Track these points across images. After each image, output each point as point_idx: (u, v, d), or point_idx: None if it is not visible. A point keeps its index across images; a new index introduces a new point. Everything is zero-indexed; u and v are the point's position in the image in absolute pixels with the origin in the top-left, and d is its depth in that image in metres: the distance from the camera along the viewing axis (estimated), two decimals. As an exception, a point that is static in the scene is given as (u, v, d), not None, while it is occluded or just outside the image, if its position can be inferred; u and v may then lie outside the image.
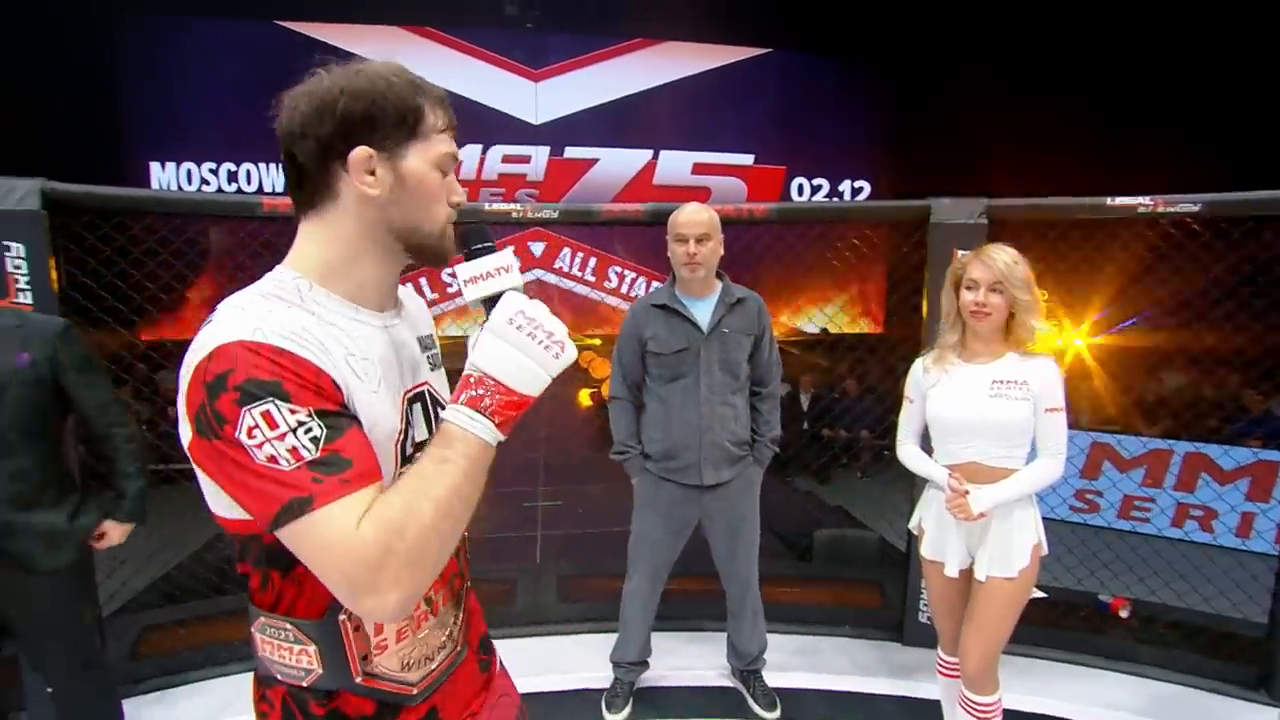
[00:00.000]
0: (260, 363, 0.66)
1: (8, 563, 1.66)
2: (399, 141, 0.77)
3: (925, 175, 6.72)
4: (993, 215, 2.41)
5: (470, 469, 0.72)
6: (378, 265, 0.81)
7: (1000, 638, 1.75)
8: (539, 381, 0.75)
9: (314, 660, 0.80)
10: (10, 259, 2.06)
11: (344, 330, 0.76)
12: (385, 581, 0.66)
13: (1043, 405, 1.73)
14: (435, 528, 0.69)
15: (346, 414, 0.71)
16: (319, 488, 0.65)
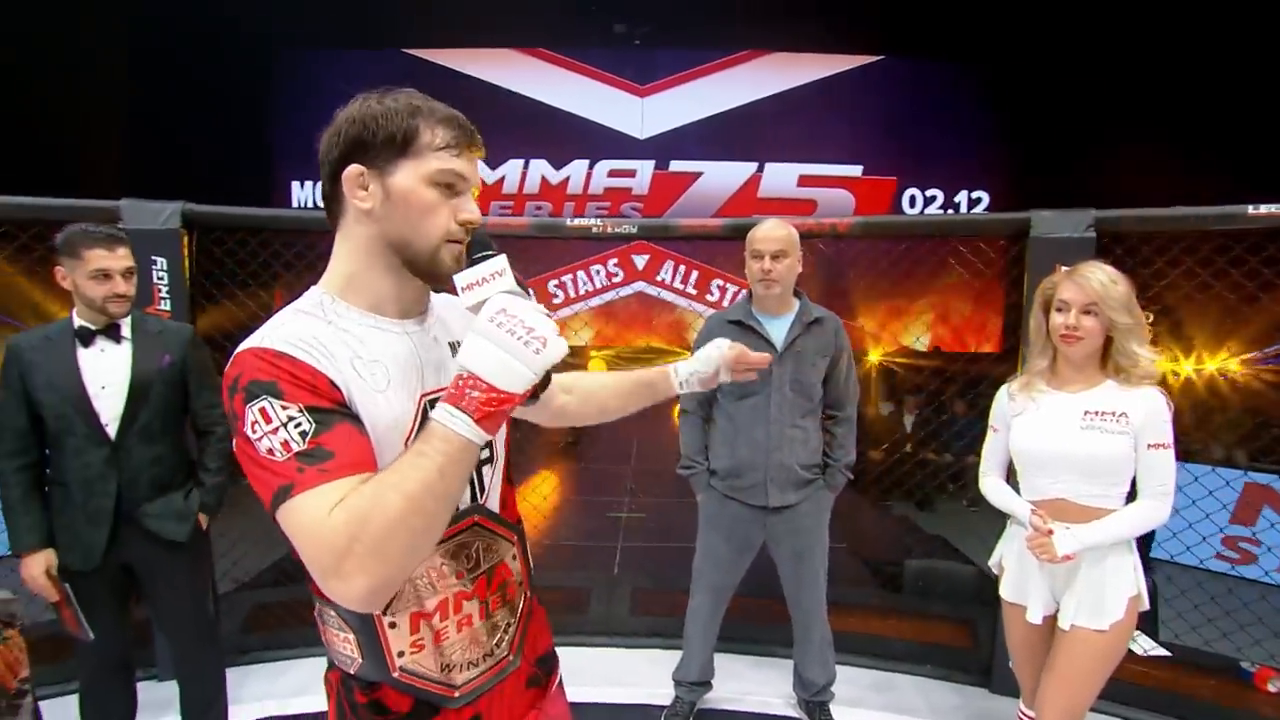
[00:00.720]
0: (262, 366, 0.73)
1: (147, 535, 1.89)
2: (388, 159, 0.81)
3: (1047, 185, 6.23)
4: (1102, 228, 2.20)
5: (446, 465, 0.72)
6: (387, 278, 0.84)
7: (1085, 697, 1.58)
8: (520, 378, 0.74)
9: (355, 649, 0.86)
10: (155, 271, 2.35)
11: (357, 337, 0.81)
12: (350, 568, 0.68)
13: (1145, 440, 1.56)
14: (402, 520, 0.69)
15: (340, 411, 0.75)
16: (300, 476, 0.70)
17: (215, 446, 2.04)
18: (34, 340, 1.84)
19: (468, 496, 0.89)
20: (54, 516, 1.84)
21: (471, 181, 0.85)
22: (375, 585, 0.70)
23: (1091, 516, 1.58)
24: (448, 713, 0.88)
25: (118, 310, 1.85)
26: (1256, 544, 4.44)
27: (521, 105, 9.10)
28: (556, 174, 9.38)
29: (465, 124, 0.85)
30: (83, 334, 1.85)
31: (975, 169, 8.39)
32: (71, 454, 1.84)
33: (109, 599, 1.92)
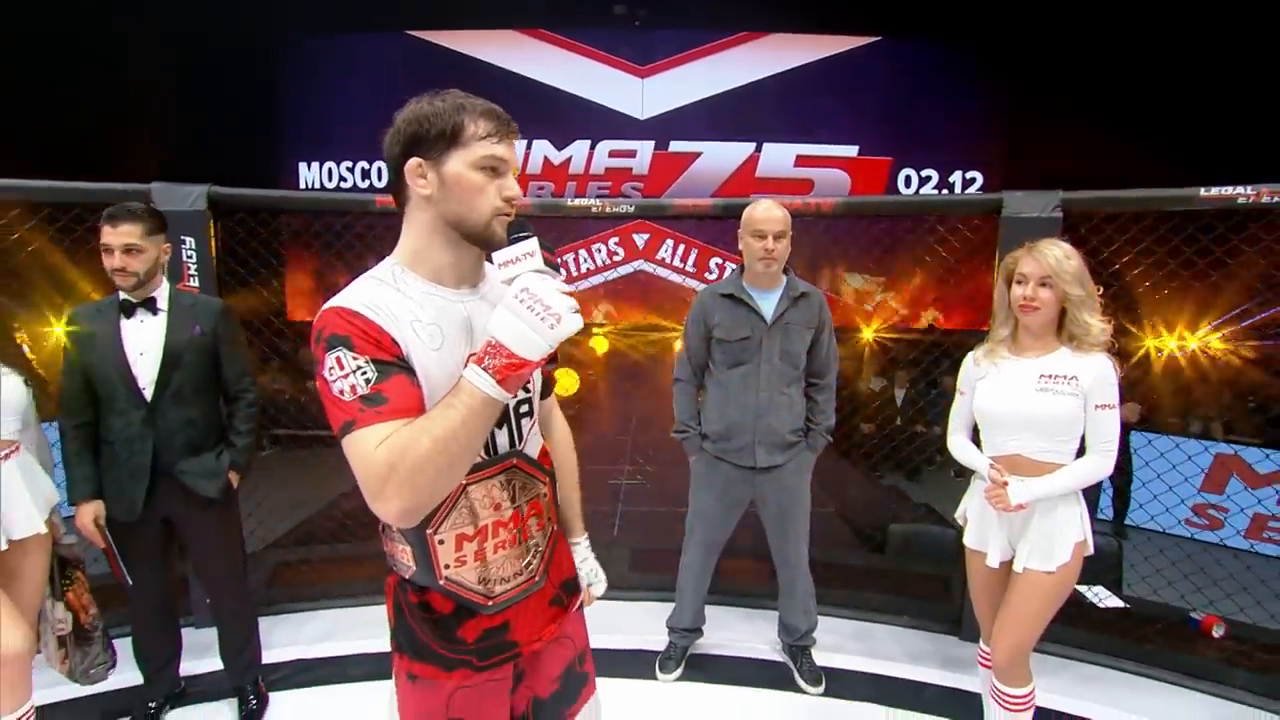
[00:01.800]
0: (339, 322, 0.91)
1: (183, 491, 2.08)
2: (441, 151, 0.96)
3: (1042, 166, 6.33)
4: (1068, 208, 2.35)
5: (469, 416, 0.86)
6: (446, 251, 1.00)
7: (1033, 631, 1.76)
8: (535, 347, 0.87)
9: (411, 560, 1.04)
10: (185, 250, 2.51)
11: (417, 302, 0.97)
12: (388, 492, 0.85)
13: (1094, 401, 1.73)
14: (430, 458, 0.84)
15: (398, 364, 0.91)
16: (360, 415, 0.87)
17: (244, 411, 2.21)
18: (88, 311, 2.03)
19: (507, 442, 1.05)
20: (103, 472, 2.03)
21: (511, 164, 1.00)
22: (407, 507, 0.86)
23: (1044, 470, 1.75)
24: (481, 617, 1.06)
25: (122, 284, 1.99)
26: (1224, 510, 4.64)
27: (524, 86, 9.15)
28: (558, 154, 9.46)
29: (503, 115, 1.00)
30: (125, 306, 2.02)
31: (970, 150, 8.47)
32: (116, 415, 2.02)
33: (150, 548, 2.12)
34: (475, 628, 1.06)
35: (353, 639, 2.65)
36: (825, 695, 2.38)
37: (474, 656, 1.07)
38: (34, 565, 1.89)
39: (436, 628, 1.06)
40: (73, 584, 2.01)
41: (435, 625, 1.06)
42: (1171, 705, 2.33)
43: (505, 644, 1.09)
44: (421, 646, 1.07)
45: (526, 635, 1.12)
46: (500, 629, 1.08)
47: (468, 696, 1.08)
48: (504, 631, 1.08)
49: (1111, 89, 6.76)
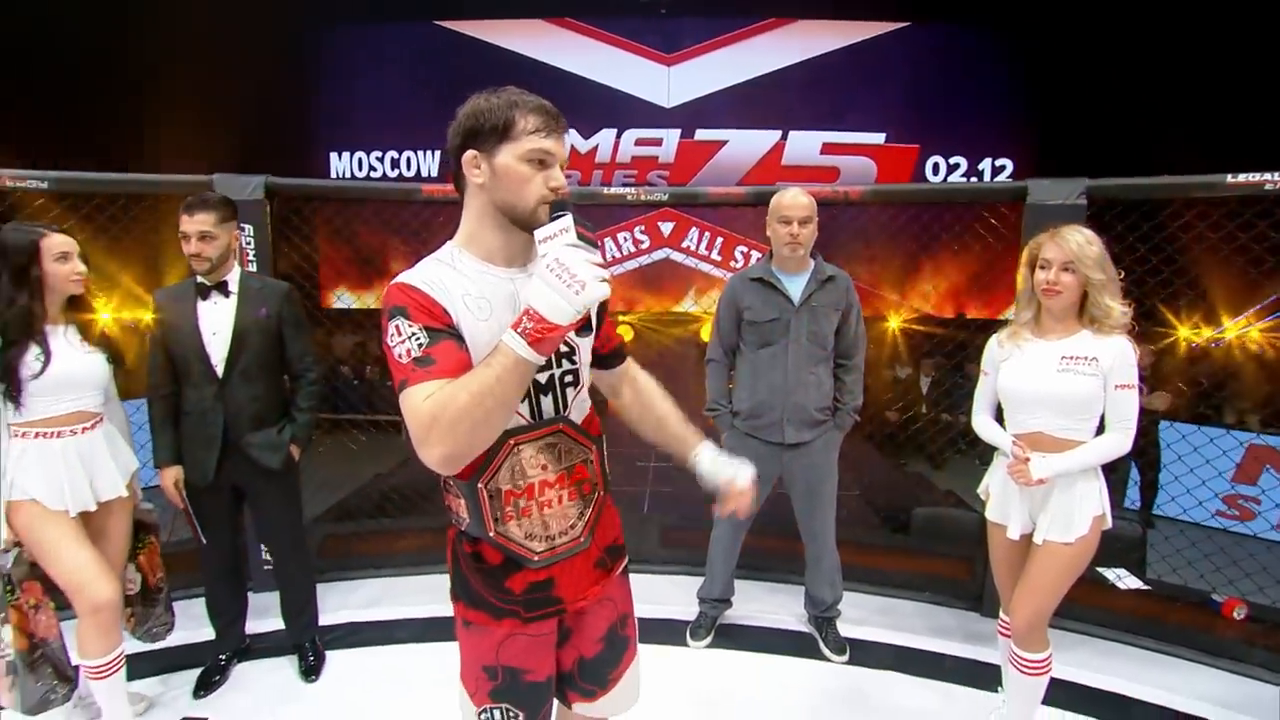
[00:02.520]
0: (400, 295, 1.03)
1: (249, 461, 2.23)
2: (494, 144, 1.05)
3: (1073, 153, 6.28)
4: (1093, 195, 2.40)
5: (502, 374, 0.94)
6: (497, 234, 1.10)
7: (1050, 600, 1.85)
8: (563, 312, 0.93)
9: (465, 512, 1.14)
10: (244, 237, 2.66)
11: (470, 279, 1.08)
12: (432, 439, 0.95)
13: (1113, 381, 1.79)
14: (467, 411, 0.93)
15: (448, 331, 1.01)
16: (412, 374, 0.98)
17: (306, 388, 2.36)
18: (169, 293, 2.21)
19: (552, 409, 1.13)
20: (183, 440, 2.20)
21: (559, 156, 1.07)
22: (447, 454, 0.96)
23: (1064, 447, 1.83)
24: (528, 571, 1.15)
25: (197, 267, 2.16)
26: (1257, 502, 4.63)
27: (551, 76, 9.22)
28: (585, 143, 9.53)
29: (552, 111, 1.07)
30: (201, 288, 2.18)
31: (999, 137, 8.38)
32: (192, 388, 2.19)
33: (221, 512, 2.29)
34: (522, 580, 1.15)
35: (399, 605, 2.81)
36: (849, 664, 2.48)
37: (521, 608, 1.16)
38: (118, 525, 2.07)
39: (488, 578, 1.16)
40: (145, 547, 2.18)
41: (486, 575, 1.16)
42: (1188, 680, 2.39)
43: (550, 599, 1.17)
44: (474, 594, 1.17)
45: (571, 593, 1.19)
46: (545, 584, 1.16)
47: (515, 645, 1.18)
48: (549, 587, 1.17)
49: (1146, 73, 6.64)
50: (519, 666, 1.19)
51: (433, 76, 9.00)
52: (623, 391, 1.37)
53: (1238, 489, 4.74)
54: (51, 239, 1.89)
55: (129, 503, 2.09)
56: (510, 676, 1.18)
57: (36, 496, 1.87)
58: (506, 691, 1.19)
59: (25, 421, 1.88)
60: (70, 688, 1.96)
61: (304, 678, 2.37)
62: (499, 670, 1.18)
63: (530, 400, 1.11)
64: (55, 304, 1.93)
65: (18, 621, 1.87)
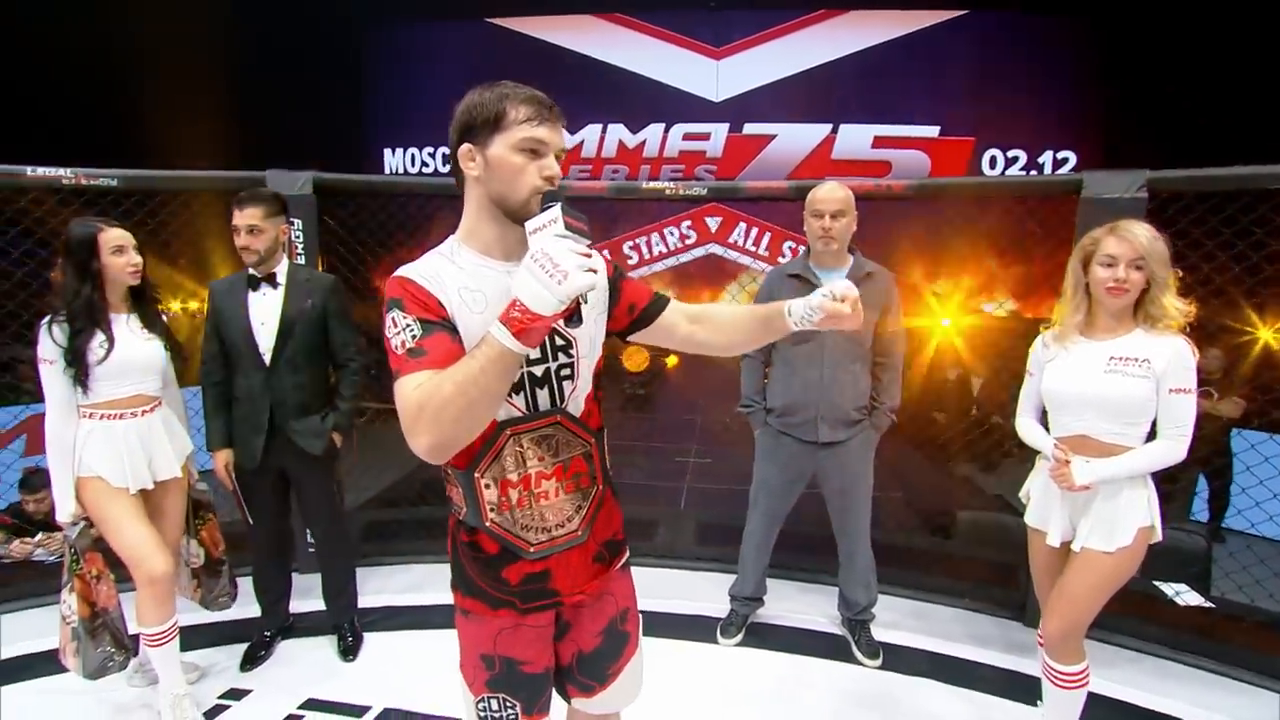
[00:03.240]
0: (396, 288, 1.06)
1: (293, 446, 2.33)
2: (487, 136, 1.05)
3: (1141, 144, 5.97)
4: (1155, 188, 2.27)
5: (486, 364, 0.94)
6: (493, 227, 1.10)
7: (1086, 611, 1.77)
8: (546, 303, 0.92)
9: (462, 500, 1.16)
10: (294, 230, 2.77)
11: (468, 272, 1.09)
12: (419, 428, 0.95)
13: (1167, 385, 1.70)
14: (451, 400, 0.94)
15: (441, 323, 1.03)
16: (405, 365, 1.00)
17: (349, 378, 2.44)
18: (224, 284, 2.31)
19: (548, 401, 1.13)
20: (234, 425, 2.30)
21: (553, 145, 1.06)
22: (433, 443, 0.96)
23: (1109, 452, 1.75)
24: (524, 562, 1.15)
25: (247, 259, 2.26)
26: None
27: (599, 70, 9.27)
28: (633, 138, 9.55)
29: (544, 100, 1.07)
30: (251, 280, 2.28)
31: (1061, 128, 8.01)
32: (242, 376, 2.29)
33: (268, 494, 2.39)
34: (518, 571, 1.15)
35: (435, 591, 2.89)
36: (882, 669, 2.43)
37: (517, 599, 1.16)
38: (174, 504, 2.19)
39: (484, 567, 1.17)
40: (205, 524, 2.30)
41: (483, 565, 1.17)
42: (1249, 705, 2.26)
43: (546, 591, 1.18)
44: (471, 584, 1.19)
45: (568, 586, 1.19)
46: (542, 576, 1.16)
47: (512, 636, 1.19)
48: (545, 579, 1.17)
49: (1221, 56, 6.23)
50: (516, 657, 1.20)
51: (484, 73, 8.97)
52: (691, 331, 1.29)
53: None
54: (109, 233, 2.00)
55: (184, 483, 2.21)
56: (507, 667, 1.20)
57: (101, 474, 2.00)
58: (503, 681, 1.20)
59: (91, 404, 2.00)
60: (127, 655, 2.09)
61: (342, 657, 2.45)
62: (496, 660, 1.19)
63: (525, 392, 1.11)
64: (116, 294, 2.04)
65: (81, 590, 2.00)
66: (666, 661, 2.47)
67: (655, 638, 2.60)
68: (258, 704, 2.21)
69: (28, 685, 2.27)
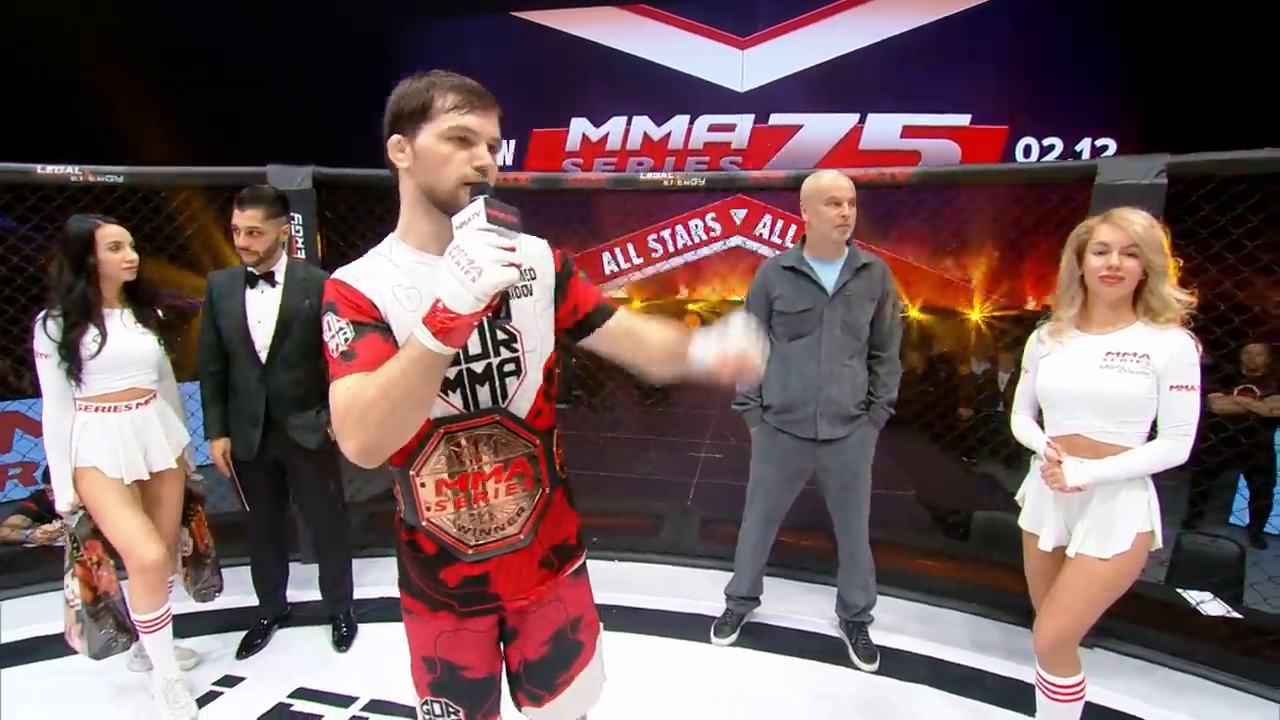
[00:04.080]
0: (331, 291, 1.05)
1: (289, 440, 2.36)
2: (414, 126, 1.02)
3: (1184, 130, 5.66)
4: (1176, 173, 2.14)
5: (408, 366, 0.92)
6: (427, 221, 1.06)
7: (1079, 620, 1.68)
8: (463, 300, 0.89)
9: (401, 499, 1.15)
10: (294, 225, 2.80)
11: (404, 269, 1.06)
12: (346, 431, 0.95)
13: (1168, 381, 1.60)
14: (374, 402, 0.93)
15: (374, 325, 1.01)
16: (337, 368, 0.99)
17: None
18: (222, 278, 2.36)
19: (489, 398, 1.09)
20: (230, 416, 2.34)
21: (483, 134, 1.03)
22: (360, 446, 0.95)
23: (1105, 452, 1.65)
24: (461, 564, 1.12)
25: (246, 259, 2.28)
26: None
27: (624, 62, 9.24)
28: (658, 130, 9.50)
29: (473, 87, 1.03)
30: (250, 277, 2.31)
31: (1099, 115, 7.67)
32: (238, 369, 2.33)
33: (264, 485, 2.42)
34: (456, 573, 1.13)
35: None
36: (879, 674, 2.36)
37: (455, 601, 1.14)
38: (170, 494, 2.23)
39: (423, 568, 1.14)
40: (194, 515, 2.35)
41: (422, 565, 1.14)
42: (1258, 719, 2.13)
43: (486, 595, 1.15)
44: (413, 584, 1.17)
45: (509, 591, 1.16)
46: (481, 579, 1.13)
47: (452, 641, 1.17)
48: (484, 583, 1.14)
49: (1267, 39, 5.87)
50: (457, 662, 1.18)
51: (509, 66, 9.20)
52: (626, 346, 1.21)
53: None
54: (105, 229, 2.04)
55: (180, 473, 2.25)
56: (448, 671, 1.18)
57: (97, 464, 2.05)
58: (445, 685, 1.19)
59: (86, 396, 2.05)
60: (129, 638, 2.15)
61: (336, 647, 2.48)
62: (438, 663, 1.18)
63: (464, 388, 1.08)
64: (111, 289, 2.09)
65: (83, 575, 2.07)
66: (656, 660, 2.44)
67: (648, 635, 2.58)
68: (249, 691, 2.25)
69: (36, 667, 2.35)
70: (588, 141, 9.58)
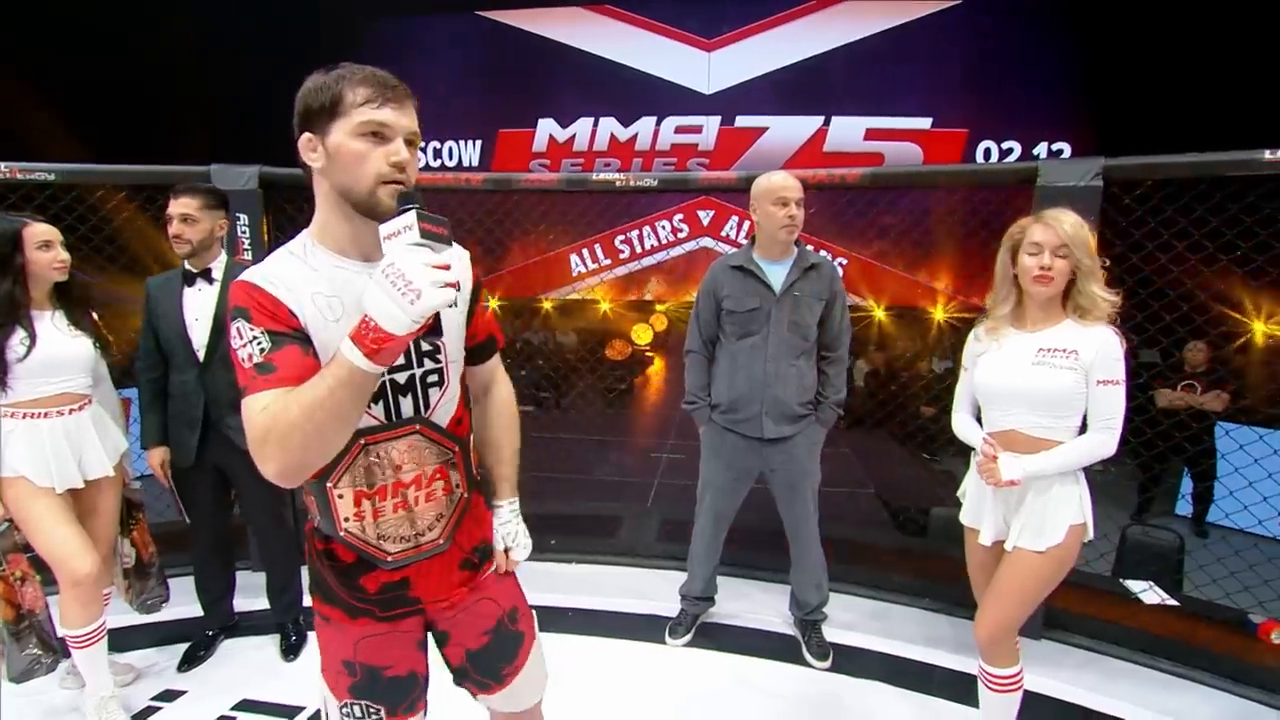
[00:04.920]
0: (242, 295, 0.98)
1: (230, 443, 2.29)
2: (325, 123, 0.98)
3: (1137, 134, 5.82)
4: (1111, 176, 2.20)
5: (336, 386, 0.88)
6: (344, 224, 1.02)
7: (1016, 612, 1.72)
8: (399, 322, 0.86)
9: (316, 509, 1.11)
10: (239, 226, 2.73)
11: (322, 275, 1.00)
12: (265, 454, 0.90)
13: (1095, 376, 1.65)
14: (298, 424, 0.88)
15: (293, 335, 0.96)
16: (252, 382, 0.93)
17: None
18: (159, 280, 2.30)
19: (411, 409, 1.07)
20: (169, 421, 2.28)
21: (399, 129, 0.98)
22: (280, 468, 0.91)
23: (1040, 447, 1.69)
24: (381, 571, 1.11)
25: (178, 249, 2.21)
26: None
27: (590, 63, 9.21)
28: (625, 131, 9.49)
29: (385, 79, 0.99)
30: (187, 275, 2.25)
31: (1056, 119, 7.85)
32: (176, 372, 2.27)
33: (206, 492, 2.36)
34: (375, 580, 1.12)
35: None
36: (832, 671, 2.38)
37: (376, 607, 1.13)
38: (106, 503, 2.16)
39: (341, 576, 1.12)
40: (136, 524, 2.28)
41: (340, 574, 1.12)
42: (1202, 706, 2.18)
43: (406, 599, 1.14)
44: (329, 591, 1.14)
45: (430, 594, 1.16)
46: (401, 584, 1.13)
47: (372, 645, 1.15)
48: (404, 587, 1.13)
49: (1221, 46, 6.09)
50: (377, 664, 1.16)
51: (474, 66, 9.11)
52: (481, 399, 1.30)
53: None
54: (34, 228, 1.97)
55: (117, 481, 2.18)
56: (368, 674, 1.16)
57: (23, 473, 1.97)
58: (366, 688, 1.17)
59: (13, 402, 1.97)
60: (56, 658, 2.06)
61: (284, 656, 2.43)
62: (357, 667, 1.16)
63: (387, 400, 1.06)
64: (40, 290, 2.01)
65: (4, 593, 1.98)
66: (611, 662, 2.43)
67: (604, 638, 2.57)
68: (190, 705, 2.19)
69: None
70: (554, 142, 9.53)
